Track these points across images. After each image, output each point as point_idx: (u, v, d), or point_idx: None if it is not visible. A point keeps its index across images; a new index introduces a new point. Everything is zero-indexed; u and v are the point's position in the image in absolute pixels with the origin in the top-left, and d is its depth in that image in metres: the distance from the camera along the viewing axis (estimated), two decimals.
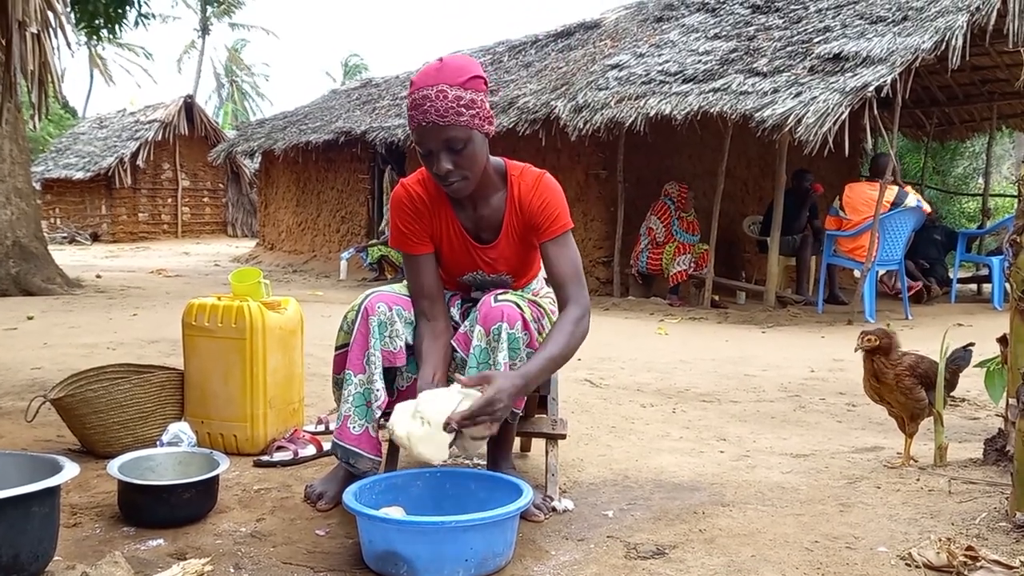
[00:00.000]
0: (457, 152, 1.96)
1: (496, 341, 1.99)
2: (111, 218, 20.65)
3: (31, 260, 8.19)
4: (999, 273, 7.91)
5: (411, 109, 1.96)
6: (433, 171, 2.00)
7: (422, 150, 1.99)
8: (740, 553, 1.84)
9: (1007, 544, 1.82)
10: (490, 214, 2.13)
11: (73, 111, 32.13)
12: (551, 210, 2.09)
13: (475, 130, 1.96)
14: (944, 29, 6.72)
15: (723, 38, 8.46)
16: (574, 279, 2.06)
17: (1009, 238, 2.07)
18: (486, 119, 1.99)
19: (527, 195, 2.10)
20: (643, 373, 4.44)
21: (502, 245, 2.15)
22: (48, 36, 4.23)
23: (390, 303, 2.10)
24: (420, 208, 2.14)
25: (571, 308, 2.02)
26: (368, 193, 12.65)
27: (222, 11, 35.67)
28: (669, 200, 8.15)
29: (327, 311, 6.74)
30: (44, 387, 3.15)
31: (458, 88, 1.93)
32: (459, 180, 2.00)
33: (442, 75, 1.94)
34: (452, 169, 1.97)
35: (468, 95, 1.94)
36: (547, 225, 2.08)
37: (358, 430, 2.08)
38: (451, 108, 1.92)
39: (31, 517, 1.60)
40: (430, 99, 1.92)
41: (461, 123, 1.93)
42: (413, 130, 1.98)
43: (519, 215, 2.11)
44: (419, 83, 1.96)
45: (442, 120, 1.92)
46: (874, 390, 2.54)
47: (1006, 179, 16.33)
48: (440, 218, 2.15)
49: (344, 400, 2.09)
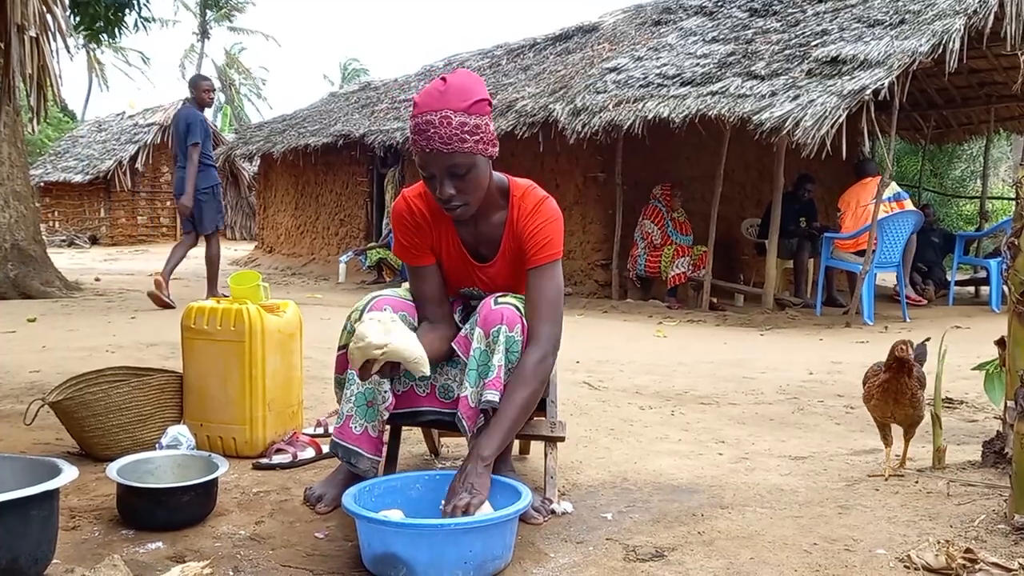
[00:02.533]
0: (460, 177, 1.94)
1: (495, 343, 1.99)
2: (110, 221, 20.65)
3: (30, 263, 8.18)
4: (997, 275, 7.93)
5: (414, 133, 1.93)
6: (436, 195, 1.98)
7: (425, 173, 1.97)
8: (739, 555, 1.84)
9: (1006, 546, 1.82)
10: (489, 232, 2.12)
11: (72, 114, 32.13)
12: (541, 237, 2.06)
13: (479, 155, 1.94)
14: (941, 32, 6.74)
15: (721, 41, 8.48)
16: (548, 314, 2.03)
17: (1007, 241, 2.08)
18: (490, 143, 1.97)
19: (524, 219, 2.08)
20: (642, 375, 4.45)
21: (499, 264, 2.15)
22: (47, 39, 4.23)
23: (395, 307, 2.10)
24: (420, 223, 2.14)
25: (532, 350, 2.00)
26: (367, 196, 12.66)
27: (222, 15, 35.72)
28: (657, 202, 8.19)
29: (326, 314, 6.74)
30: (43, 390, 3.15)
31: (463, 114, 1.90)
32: (461, 205, 1.98)
33: (446, 99, 1.90)
34: (455, 194, 1.95)
35: (472, 120, 1.91)
36: (534, 251, 2.06)
37: (359, 430, 2.08)
38: (455, 135, 1.89)
39: (30, 520, 1.59)
40: (434, 125, 1.89)
41: (465, 149, 1.90)
42: (416, 153, 1.95)
43: (516, 238, 2.10)
44: (423, 106, 1.92)
45: (446, 148, 1.89)
46: (890, 404, 2.35)
47: (1003, 182, 16.35)
48: (440, 233, 2.15)
49: (346, 400, 2.09)
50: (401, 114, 11.46)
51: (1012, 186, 7.42)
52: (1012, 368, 2.07)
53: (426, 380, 2.12)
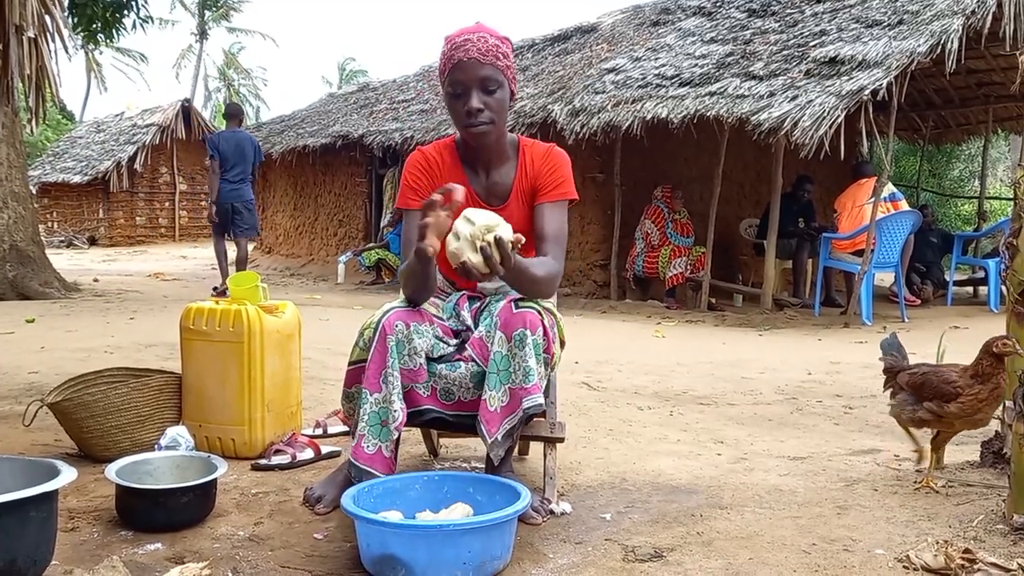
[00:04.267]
0: (490, 93, 2.07)
1: (519, 348, 1.98)
2: (108, 222, 20.64)
3: (28, 264, 8.18)
4: (995, 276, 7.94)
5: (450, 49, 2.08)
6: (462, 109, 2.08)
7: (454, 89, 2.09)
8: (738, 556, 1.84)
9: (1004, 546, 1.83)
10: (501, 180, 2.22)
11: (70, 115, 32.12)
12: (558, 175, 2.19)
13: (507, 80, 2.10)
14: (939, 32, 6.74)
15: (719, 42, 8.48)
16: (557, 240, 2.15)
17: (1005, 241, 2.08)
18: (513, 79, 2.14)
19: (538, 160, 2.21)
20: (640, 376, 4.45)
21: (511, 207, 2.21)
22: (45, 41, 4.24)
23: (407, 320, 2.06)
24: (434, 169, 2.23)
25: (548, 259, 2.10)
26: (365, 197, 12.65)
27: (220, 15, 35.72)
28: (659, 203, 8.20)
29: (325, 315, 6.74)
30: (41, 391, 3.15)
31: (496, 39, 2.10)
32: (486, 122, 2.09)
33: (481, 27, 2.13)
34: (482, 108, 2.07)
35: (504, 47, 2.11)
36: (551, 187, 2.19)
37: (372, 449, 2.04)
38: (491, 50, 2.07)
39: (28, 522, 1.59)
40: (471, 40, 2.06)
41: (499, 66, 2.07)
42: (450, 69, 2.08)
43: (528, 179, 2.20)
44: (459, 31, 2.11)
45: (483, 57, 2.05)
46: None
47: (1002, 182, 16.37)
48: (452, 179, 2.18)
49: (360, 419, 2.05)
50: (400, 115, 11.46)
51: (1010, 186, 7.42)
52: (1010, 369, 2.07)
53: (427, 382, 2.11)
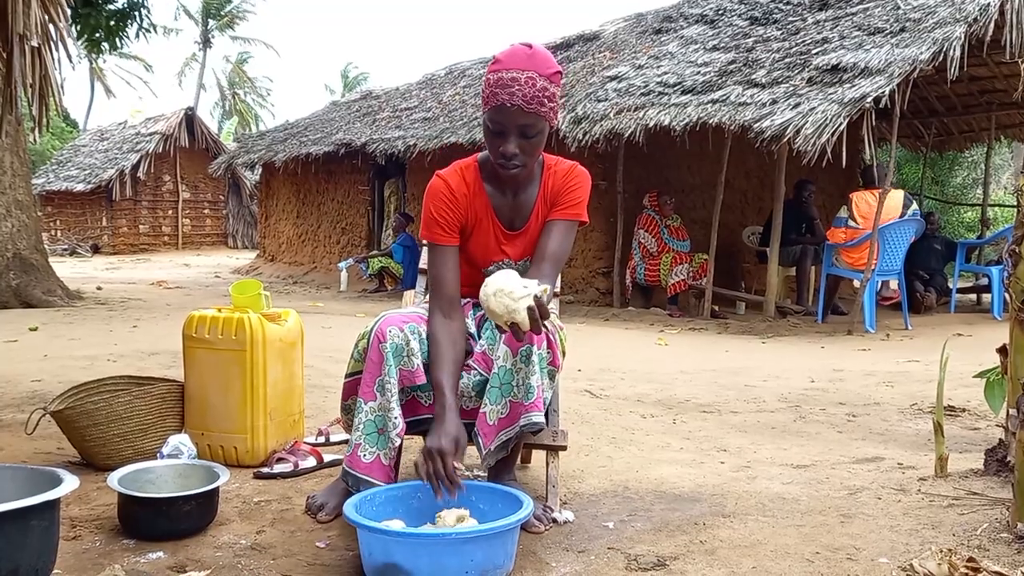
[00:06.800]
0: (528, 139, 2.05)
1: (525, 363, 1.98)
2: (112, 230, 20.70)
3: (32, 272, 8.20)
4: (998, 283, 7.92)
5: (496, 86, 2.01)
6: (499, 150, 2.06)
7: (495, 128, 2.05)
8: (741, 564, 1.84)
9: (1008, 555, 1.82)
10: (524, 200, 2.21)
11: (74, 123, 32.25)
12: (575, 195, 2.19)
13: (548, 122, 2.07)
14: (942, 40, 6.75)
15: (721, 50, 8.50)
16: (556, 261, 2.15)
17: (1008, 248, 2.07)
18: (557, 113, 2.11)
19: (559, 179, 2.21)
20: (643, 384, 4.44)
21: (531, 230, 2.21)
22: (49, 49, 4.24)
23: (401, 324, 2.05)
24: (458, 197, 2.18)
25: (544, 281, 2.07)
26: (368, 205, 12.68)
27: (224, 24, 35.85)
28: (648, 211, 8.22)
29: (327, 323, 6.74)
30: (44, 399, 3.15)
31: (546, 80, 2.02)
32: (520, 166, 2.08)
33: (534, 62, 2.02)
34: (518, 153, 2.05)
35: (552, 88, 2.05)
36: (566, 205, 2.19)
37: (369, 458, 2.04)
38: (536, 97, 2.00)
39: (30, 530, 1.59)
40: (519, 83, 1.99)
41: (541, 113, 2.02)
42: (492, 108, 2.03)
43: (549, 198, 2.20)
44: (508, 64, 2.02)
45: (527, 107, 2.00)
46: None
47: (1004, 189, 16.37)
48: (476, 205, 2.19)
49: (355, 428, 2.05)
50: (403, 122, 11.48)
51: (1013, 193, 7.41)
52: (1014, 376, 2.07)
53: (429, 391, 2.11)
